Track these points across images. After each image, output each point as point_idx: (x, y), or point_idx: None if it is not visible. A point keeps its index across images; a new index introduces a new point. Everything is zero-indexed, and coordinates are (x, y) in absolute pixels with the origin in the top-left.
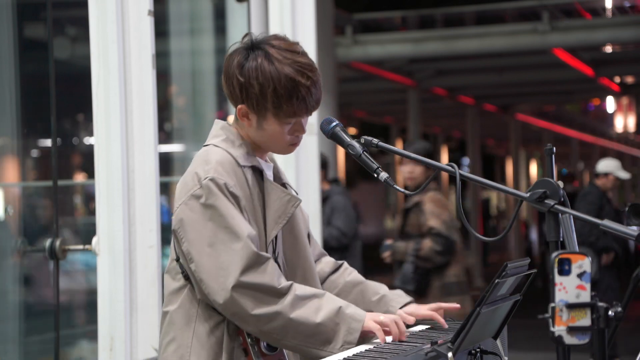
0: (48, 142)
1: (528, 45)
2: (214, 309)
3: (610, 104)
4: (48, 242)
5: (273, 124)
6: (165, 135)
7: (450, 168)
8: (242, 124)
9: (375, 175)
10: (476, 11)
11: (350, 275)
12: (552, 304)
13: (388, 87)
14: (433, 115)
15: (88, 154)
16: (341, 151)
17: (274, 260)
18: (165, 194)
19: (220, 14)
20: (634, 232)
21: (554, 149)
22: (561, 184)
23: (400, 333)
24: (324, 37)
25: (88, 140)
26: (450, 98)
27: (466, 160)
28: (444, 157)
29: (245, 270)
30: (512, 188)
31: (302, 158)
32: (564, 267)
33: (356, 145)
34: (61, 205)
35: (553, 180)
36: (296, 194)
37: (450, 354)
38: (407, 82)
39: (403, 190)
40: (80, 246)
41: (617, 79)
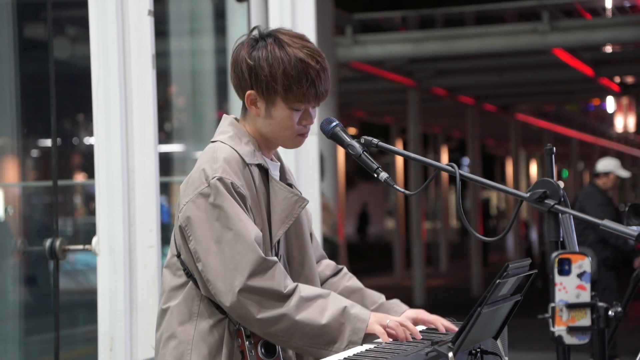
0: (48, 142)
1: (528, 45)
2: (216, 306)
3: (610, 104)
4: (48, 242)
5: (282, 109)
6: (165, 135)
7: (450, 168)
8: (250, 118)
9: (375, 175)
10: (476, 11)
11: (350, 280)
12: (552, 304)
13: (388, 87)
14: (433, 115)
15: (88, 154)
16: (341, 151)
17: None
18: (165, 194)
19: (220, 14)
20: (634, 232)
21: (554, 149)
22: (561, 184)
23: (413, 333)
24: (324, 37)
25: (88, 140)
26: (450, 98)
27: (466, 160)
28: (444, 157)
29: (252, 275)
30: (512, 188)
31: (302, 158)
32: (564, 267)
33: (356, 145)
34: (61, 205)
35: (553, 180)
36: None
37: (450, 354)
38: (407, 82)
39: (403, 190)
40: (80, 246)
41: (617, 79)
